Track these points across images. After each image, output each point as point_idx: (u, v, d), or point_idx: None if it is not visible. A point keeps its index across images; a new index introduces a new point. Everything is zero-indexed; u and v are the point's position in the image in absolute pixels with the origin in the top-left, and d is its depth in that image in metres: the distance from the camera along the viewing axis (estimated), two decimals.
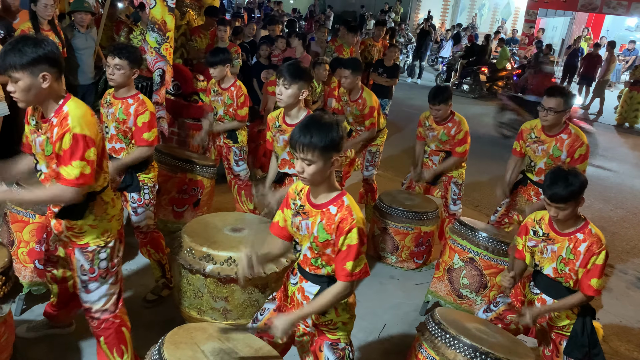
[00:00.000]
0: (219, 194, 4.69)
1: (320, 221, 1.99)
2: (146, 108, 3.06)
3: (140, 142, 3.09)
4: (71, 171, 2.08)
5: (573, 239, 2.53)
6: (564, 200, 2.44)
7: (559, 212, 2.48)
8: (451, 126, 4.12)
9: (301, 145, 1.89)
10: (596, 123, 12.04)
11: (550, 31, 21.19)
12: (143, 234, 3.30)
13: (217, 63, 4.02)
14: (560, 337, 2.66)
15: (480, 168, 6.95)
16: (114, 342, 2.44)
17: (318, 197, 2.02)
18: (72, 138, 2.06)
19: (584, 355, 2.57)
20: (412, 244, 4.23)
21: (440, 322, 2.46)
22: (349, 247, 1.94)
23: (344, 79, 4.49)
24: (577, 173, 2.50)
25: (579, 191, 2.45)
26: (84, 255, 2.32)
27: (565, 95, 3.40)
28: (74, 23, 5.07)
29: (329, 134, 1.88)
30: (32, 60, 1.99)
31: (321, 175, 1.94)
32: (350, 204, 1.98)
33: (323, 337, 2.14)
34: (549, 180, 2.50)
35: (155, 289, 3.40)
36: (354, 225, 1.93)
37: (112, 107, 3.13)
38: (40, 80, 2.03)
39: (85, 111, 2.14)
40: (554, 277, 2.59)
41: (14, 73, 2.00)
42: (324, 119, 1.93)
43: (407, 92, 12.47)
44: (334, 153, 1.91)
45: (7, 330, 2.16)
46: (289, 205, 2.13)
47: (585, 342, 2.56)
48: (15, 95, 2.06)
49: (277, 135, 3.17)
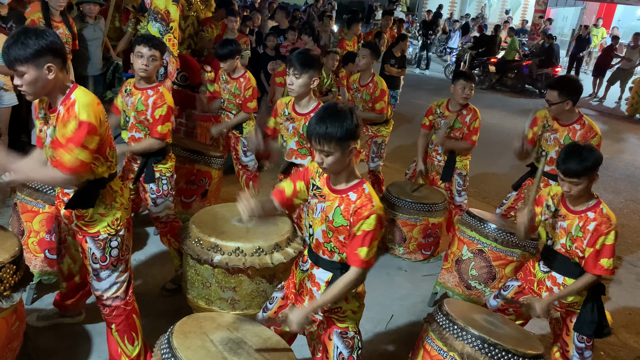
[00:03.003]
0: (227, 184, 4.70)
1: (338, 206, 1.99)
2: (164, 102, 3.08)
3: (153, 134, 3.11)
4: (70, 156, 2.07)
5: (584, 217, 2.53)
6: (578, 174, 2.43)
7: (572, 187, 2.47)
8: (466, 114, 4.08)
9: (318, 137, 1.89)
10: (608, 114, 11.93)
11: (561, 21, 20.95)
12: (163, 224, 3.32)
13: (227, 56, 4.02)
14: (571, 315, 2.66)
15: (489, 160, 6.91)
16: (125, 329, 2.47)
17: (338, 183, 2.03)
18: (78, 125, 2.06)
19: (593, 331, 2.58)
20: (420, 235, 4.22)
21: (448, 313, 2.46)
22: (364, 233, 1.93)
23: (362, 58, 4.49)
24: (592, 148, 2.50)
25: (592, 167, 2.44)
26: (95, 244, 2.34)
27: (561, 88, 3.37)
28: (82, 14, 5.07)
29: (344, 123, 1.89)
30: (36, 52, 1.99)
31: (341, 165, 1.96)
32: (370, 192, 1.98)
33: (332, 326, 2.15)
34: (564, 154, 2.49)
35: (175, 278, 3.41)
36: (373, 212, 1.93)
37: (132, 97, 3.14)
38: (45, 71, 2.03)
39: (92, 100, 2.15)
40: (565, 253, 2.60)
41: (19, 67, 2.00)
42: (337, 109, 1.93)
43: (414, 84, 12.39)
44: (351, 142, 1.92)
45: (18, 318, 2.18)
46: (307, 182, 2.11)
47: (596, 318, 2.57)
48: (23, 89, 2.06)
49: (285, 123, 3.15)
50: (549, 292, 2.69)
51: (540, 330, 3.44)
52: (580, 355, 2.64)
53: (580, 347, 2.64)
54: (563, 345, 2.72)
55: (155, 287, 3.43)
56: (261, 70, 6.40)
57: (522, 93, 13.40)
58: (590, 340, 2.63)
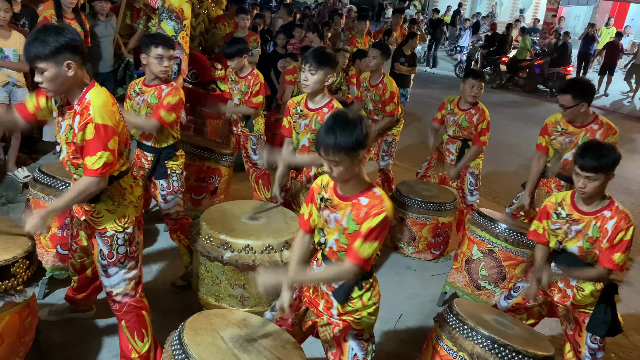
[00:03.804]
0: (236, 182, 4.72)
1: (350, 212, 1.97)
2: (178, 94, 3.14)
3: (155, 115, 3.10)
4: (95, 161, 2.11)
5: (600, 217, 2.50)
6: (595, 169, 2.40)
7: (587, 183, 2.43)
8: (474, 113, 4.08)
9: (326, 147, 1.87)
10: (618, 113, 11.80)
11: (573, 20, 20.77)
12: (173, 221, 3.34)
13: (234, 55, 4.01)
14: (584, 316, 2.64)
15: (499, 159, 6.87)
16: (134, 326, 2.48)
17: (347, 191, 2.01)
18: (95, 129, 2.09)
19: (606, 331, 2.57)
20: (429, 234, 4.20)
21: (458, 313, 2.45)
22: (367, 230, 1.92)
23: (372, 59, 4.50)
24: (612, 146, 2.48)
25: (610, 164, 2.42)
26: (103, 240, 2.35)
27: (574, 90, 3.31)
28: (94, 11, 5.10)
29: (353, 133, 1.85)
30: (56, 50, 2.01)
31: (350, 174, 1.93)
32: (382, 194, 1.97)
33: (348, 328, 2.14)
34: (582, 149, 2.48)
35: (184, 275, 3.43)
36: (382, 211, 1.92)
37: (144, 95, 3.17)
38: (65, 68, 2.05)
39: (106, 100, 2.16)
40: (579, 254, 2.57)
41: (39, 64, 2.02)
42: (347, 118, 1.90)
43: (424, 82, 12.34)
44: (360, 151, 1.89)
45: (31, 313, 2.20)
46: (314, 201, 2.12)
47: (609, 318, 2.55)
48: (43, 86, 2.09)
49: (298, 121, 3.15)
50: (561, 293, 2.67)
51: (550, 331, 3.42)
52: (593, 355, 2.63)
53: (592, 348, 2.62)
54: (575, 346, 2.71)
55: (165, 284, 3.45)
56: (271, 68, 6.40)
57: (534, 92, 13.30)
58: (602, 341, 2.62)
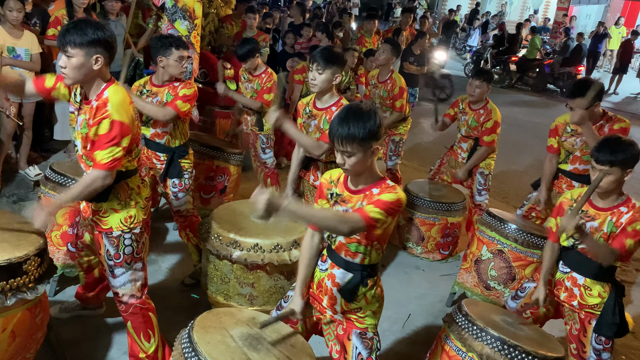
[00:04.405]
0: (245, 181, 4.72)
1: (361, 202, 1.97)
2: (193, 87, 3.19)
3: (170, 104, 3.13)
4: (105, 155, 2.13)
5: (616, 212, 2.48)
6: (612, 162, 2.37)
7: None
8: (482, 113, 4.07)
9: (340, 138, 1.87)
10: (626, 111, 11.68)
11: (584, 19, 20.58)
12: (183, 218, 3.36)
13: (247, 56, 4.03)
14: (590, 317, 2.62)
15: (509, 159, 6.83)
16: (141, 327, 2.49)
17: (359, 184, 2.01)
18: (111, 124, 2.12)
19: (614, 332, 2.54)
20: (438, 234, 4.19)
21: (468, 314, 2.43)
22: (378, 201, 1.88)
23: (382, 52, 4.49)
24: (631, 142, 2.45)
25: (629, 158, 2.40)
26: (109, 241, 2.36)
27: (587, 94, 3.28)
28: (104, 11, 5.13)
29: (366, 124, 1.86)
30: (92, 41, 2.07)
31: (362, 165, 1.93)
32: (395, 185, 1.98)
33: (351, 326, 2.14)
34: (600, 143, 2.46)
35: (193, 273, 3.44)
36: (395, 192, 1.91)
37: (157, 95, 3.19)
38: (92, 61, 2.10)
39: (124, 98, 2.19)
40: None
41: (70, 49, 2.07)
42: (360, 109, 1.91)
43: None
44: (373, 142, 1.90)
45: (42, 310, 2.22)
46: (324, 196, 2.12)
47: (617, 319, 2.53)
48: (65, 71, 2.13)
49: (308, 121, 3.15)
50: (567, 292, 2.65)
51: (560, 332, 3.39)
52: (598, 356, 2.61)
53: (597, 349, 2.60)
54: (579, 347, 2.69)
55: (174, 282, 3.46)
56: (279, 68, 6.41)
57: (544, 92, 13.21)
58: (609, 342, 2.59)
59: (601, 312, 2.57)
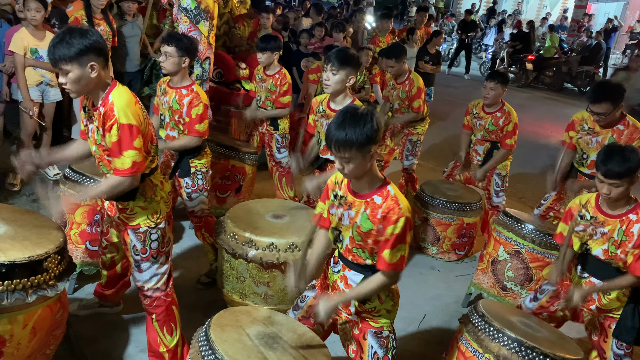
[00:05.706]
0: (260, 180, 4.74)
1: (364, 211, 1.97)
2: (200, 100, 3.16)
3: (192, 132, 3.19)
4: (124, 161, 2.16)
5: (625, 220, 2.44)
6: (619, 176, 2.34)
7: (612, 189, 2.38)
8: (500, 116, 4.02)
9: (337, 144, 1.84)
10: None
11: (602, 17, 20.25)
12: (197, 218, 3.38)
13: (267, 49, 4.04)
14: (610, 321, 2.58)
15: (525, 159, 6.75)
16: (164, 320, 2.53)
17: (361, 188, 2.00)
18: (119, 129, 2.13)
19: (634, 337, 2.50)
20: (454, 235, 4.16)
21: (484, 315, 2.42)
22: (392, 237, 1.92)
23: (391, 69, 4.49)
24: (634, 149, 2.41)
25: (635, 168, 2.35)
26: (136, 236, 2.40)
27: (612, 97, 3.22)
28: (121, 12, 5.19)
29: (363, 128, 1.82)
30: (80, 52, 2.06)
31: (362, 170, 1.91)
32: (395, 194, 1.96)
33: (366, 325, 2.14)
34: (603, 155, 2.40)
35: (209, 272, 3.46)
36: (402, 215, 1.91)
37: (167, 96, 3.22)
38: (88, 70, 2.10)
39: (128, 100, 2.19)
40: (604, 258, 2.51)
41: (64, 65, 2.07)
42: (357, 113, 1.87)
43: (449, 81, 12.21)
44: (371, 146, 1.86)
45: (62, 307, 2.25)
46: (329, 197, 2.12)
47: (637, 324, 2.48)
48: (67, 87, 2.14)
49: (320, 120, 3.16)
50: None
51: (577, 334, 3.35)
52: None
53: (618, 354, 2.55)
54: (600, 352, 2.65)
55: (190, 280, 3.48)
56: (294, 68, 6.42)
57: (560, 91, 13.04)
58: (629, 348, 2.55)
59: (620, 316, 2.53)
